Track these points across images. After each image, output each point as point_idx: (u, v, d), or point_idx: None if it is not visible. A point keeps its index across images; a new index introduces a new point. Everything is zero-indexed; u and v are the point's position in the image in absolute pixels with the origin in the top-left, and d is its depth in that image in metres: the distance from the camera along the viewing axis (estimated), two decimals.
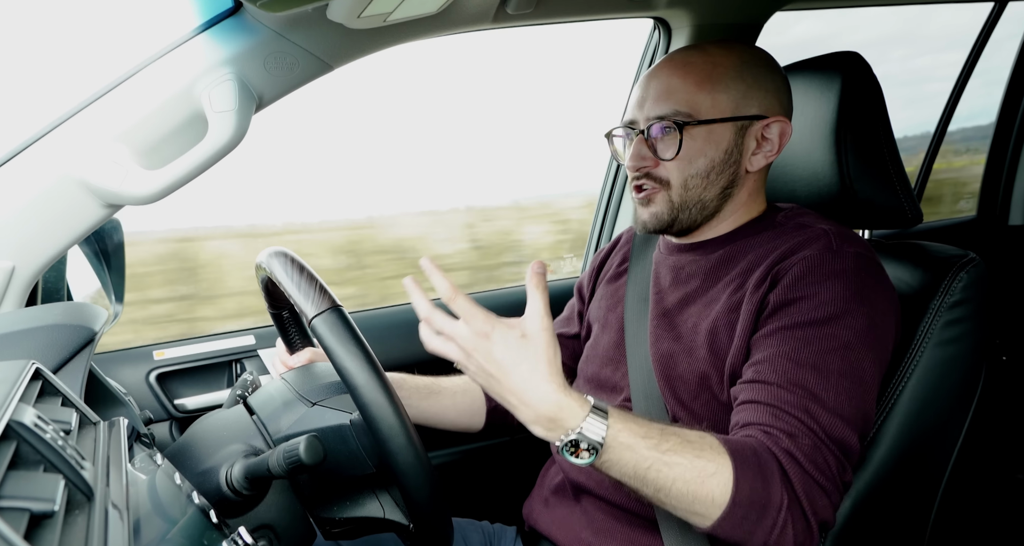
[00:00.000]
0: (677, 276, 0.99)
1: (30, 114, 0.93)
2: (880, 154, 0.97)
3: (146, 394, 1.33)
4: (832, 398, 0.78)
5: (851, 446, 0.78)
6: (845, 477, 0.79)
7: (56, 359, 0.76)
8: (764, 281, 0.86)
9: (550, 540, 1.02)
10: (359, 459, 0.80)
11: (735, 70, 0.92)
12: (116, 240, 1.08)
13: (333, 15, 0.92)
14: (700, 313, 0.92)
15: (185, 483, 0.66)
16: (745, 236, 0.96)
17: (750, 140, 0.93)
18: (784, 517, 0.74)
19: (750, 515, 0.73)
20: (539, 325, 0.71)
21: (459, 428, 1.16)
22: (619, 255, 1.16)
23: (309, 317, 0.73)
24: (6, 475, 0.42)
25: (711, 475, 0.72)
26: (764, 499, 0.73)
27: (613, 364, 1.03)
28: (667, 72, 0.93)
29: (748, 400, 0.81)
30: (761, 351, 0.83)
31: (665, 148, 0.93)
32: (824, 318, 0.81)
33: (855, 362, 0.79)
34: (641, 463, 0.71)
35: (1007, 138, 2.27)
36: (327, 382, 0.90)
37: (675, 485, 0.72)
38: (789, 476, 0.74)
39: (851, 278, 0.82)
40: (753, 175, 0.96)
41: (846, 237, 0.88)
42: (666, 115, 0.91)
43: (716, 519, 0.73)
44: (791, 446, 0.75)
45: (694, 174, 0.92)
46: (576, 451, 0.70)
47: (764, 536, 0.74)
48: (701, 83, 0.91)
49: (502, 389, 0.71)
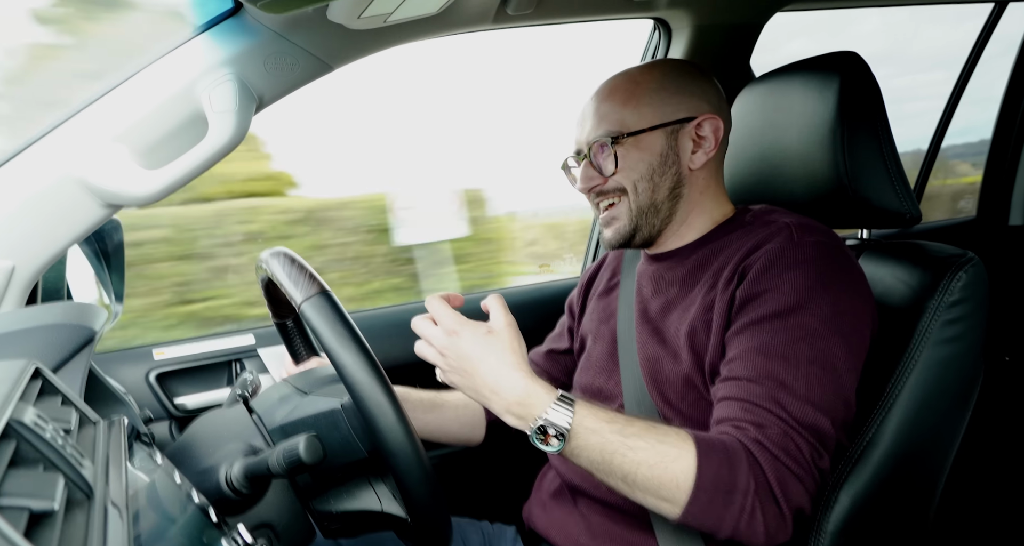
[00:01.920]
0: (657, 284, 1.03)
1: (30, 113, 0.93)
2: (879, 154, 0.97)
3: (146, 393, 1.33)
4: (803, 386, 0.79)
5: (825, 431, 0.78)
6: (821, 464, 0.79)
7: (56, 358, 0.76)
8: (733, 278, 0.89)
9: (549, 542, 1.03)
10: (351, 444, 0.80)
11: (655, 82, 0.99)
12: (116, 240, 1.08)
13: (333, 16, 0.92)
14: (680, 317, 0.95)
15: (185, 482, 0.66)
16: (716, 238, 0.99)
17: (685, 141, 0.99)
18: (752, 502, 0.74)
19: (716, 500, 0.74)
20: (503, 322, 0.80)
21: (460, 441, 1.19)
22: (608, 271, 1.19)
23: (298, 302, 0.73)
24: (6, 474, 0.42)
25: (674, 459, 0.74)
26: (730, 484, 0.74)
27: (606, 373, 1.05)
28: (597, 100, 1.01)
29: (722, 397, 0.83)
30: (733, 348, 0.85)
31: (606, 164, 0.99)
32: (788, 308, 0.82)
33: (823, 348, 0.80)
34: (606, 447, 0.75)
35: (1007, 138, 2.27)
36: (323, 375, 0.90)
37: (640, 470, 0.74)
38: (760, 462, 0.75)
39: (812, 267, 0.84)
40: (700, 174, 1.00)
41: (807, 228, 0.90)
42: (601, 136, 0.98)
43: (683, 505, 0.74)
44: (759, 435, 0.77)
45: (639, 178, 0.98)
46: (545, 438, 0.75)
47: (733, 521, 0.75)
48: (625, 102, 0.98)
49: (474, 382, 0.78)
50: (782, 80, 1.07)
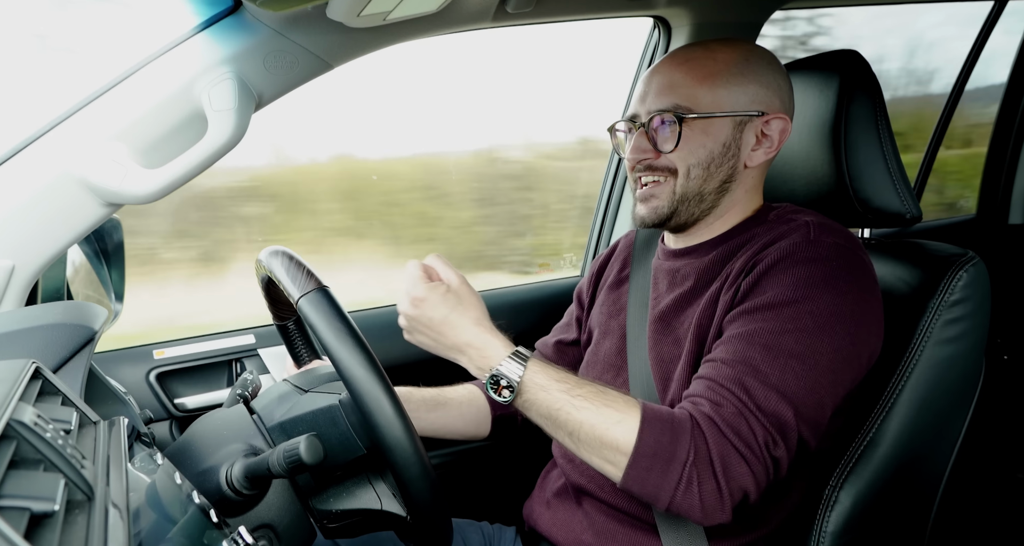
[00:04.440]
0: (673, 279, 1.00)
1: (30, 113, 0.93)
2: (880, 153, 0.97)
3: (146, 393, 1.33)
4: (776, 375, 0.78)
5: (786, 421, 0.77)
6: (776, 452, 0.77)
7: (56, 358, 0.76)
8: (742, 271, 0.87)
9: (550, 541, 1.03)
10: (350, 440, 0.80)
11: (736, 66, 0.93)
12: (116, 240, 1.08)
13: (333, 14, 0.92)
14: (692, 312, 0.93)
15: (185, 482, 0.66)
16: (739, 234, 0.96)
17: (749, 135, 0.94)
18: (689, 473, 0.74)
19: (654, 467, 0.75)
20: (456, 279, 0.85)
21: (467, 437, 1.17)
22: (619, 261, 1.16)
23: (295, 298, 0.73)
24: (6, 474, 0.42)
25: (616, 423, 0.77)
26: (669, 453, 0.75)
27: (614, 370, 1.04)
28: (669, 68, 0.95)
29: (696, 376, 0.83)
30: (725, 334, 0.84)
31: (665, 140, 0.94)
32: (785, 301, 0.81)
33: (810, 346, 0.79)
34: (553, 404, 0.79)
35: (1007, 137, 2.27)
36: (323, 373, 0.90)
37: (583, 429, 0.78)
38: (705, 435, 0.75)
39: (821, 266, 0.82)
40: (752, 171, 0.97)
41: (828, 228, 0.88)
42: (666, 108, 0.93)
43: (624, 469, 0.76)
44: (711, 411, 0.77)
45: (695, 164, 0.93)
46: (498, 388, 0.80)
47: (670, 491, 0.75)
48: (702, 78, 0.92)
49: (445, 340, 0.83)
50: None
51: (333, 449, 0.80)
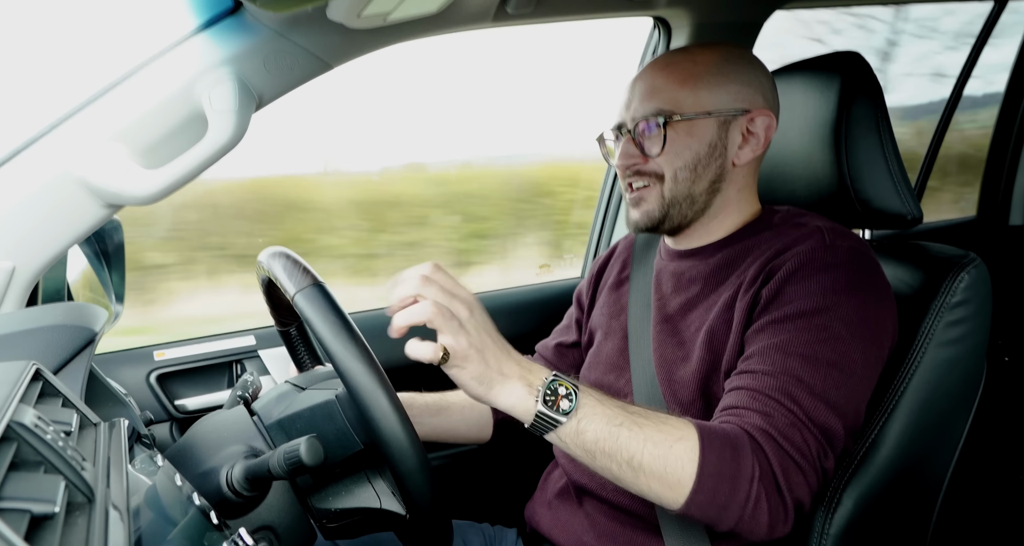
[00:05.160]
0: (678, 282, 1.00)
1: (30, 113, 0.92)
2: (880, 154, 0.97)
3: (146, 395, 1.33)
4: (819, 384, 0.77)
5: (835, 432, 0.77)
6: (826, 463, 0.78)
7: (56, 360, 0.75)
8: (757, 278, 0.87)
9: (552, 543, 1.02)
10: (347, 436, 0.80)
11: (716, 67, 0.94)
12: (116, 240, 1.08)
13: (333, 15, 0.92)
14: (702, 317, 0.93)
15: (186, 484, 0.66)
16: (743, 238, 0.96)
17: (735, 134, 0.95)
18: (757, 490, 0.72)
19: (721, 486, 0.71)
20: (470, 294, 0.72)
21: (469, 440, 1.17)
22: (619, 262, 1.16)
23: (291, 293, 0.73)
24: (6, 476, 0.42)
25: (678, 439, 0.72)
26: (734, 469, 0.72)
27: (617, 371, 1.03)
28: (651, 73, 0.96)
29: (732, 387, 0.82)
30: (753, 345, 0.83)
31: (651, 145, 0.95)
32: (814, 309, 0.81)
33: (845, 353, 0.79)
34: (614, 419, 0.71)
35: (1007, 138, 2.27)
36: (323, 372, 0.90)
37: (647, 448, 0.71)
38: (764, 449, 0.74)
39: (843, 271, 0.83)
40: (741, 170, 0.97)
41: (840, 233, 0.88)
42: (650, 113, 0.94)
43: (688, 491, 0.71)
44: (763, 423, 0.75)
45: (682, 166, 0.94)
46: (556, 399, 0.70)
47: (738, 511, 0.72)
48: (683, 81, 0.93)
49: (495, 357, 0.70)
50: (783, 80, 1.06)
51: (331, 445, 0.79)
